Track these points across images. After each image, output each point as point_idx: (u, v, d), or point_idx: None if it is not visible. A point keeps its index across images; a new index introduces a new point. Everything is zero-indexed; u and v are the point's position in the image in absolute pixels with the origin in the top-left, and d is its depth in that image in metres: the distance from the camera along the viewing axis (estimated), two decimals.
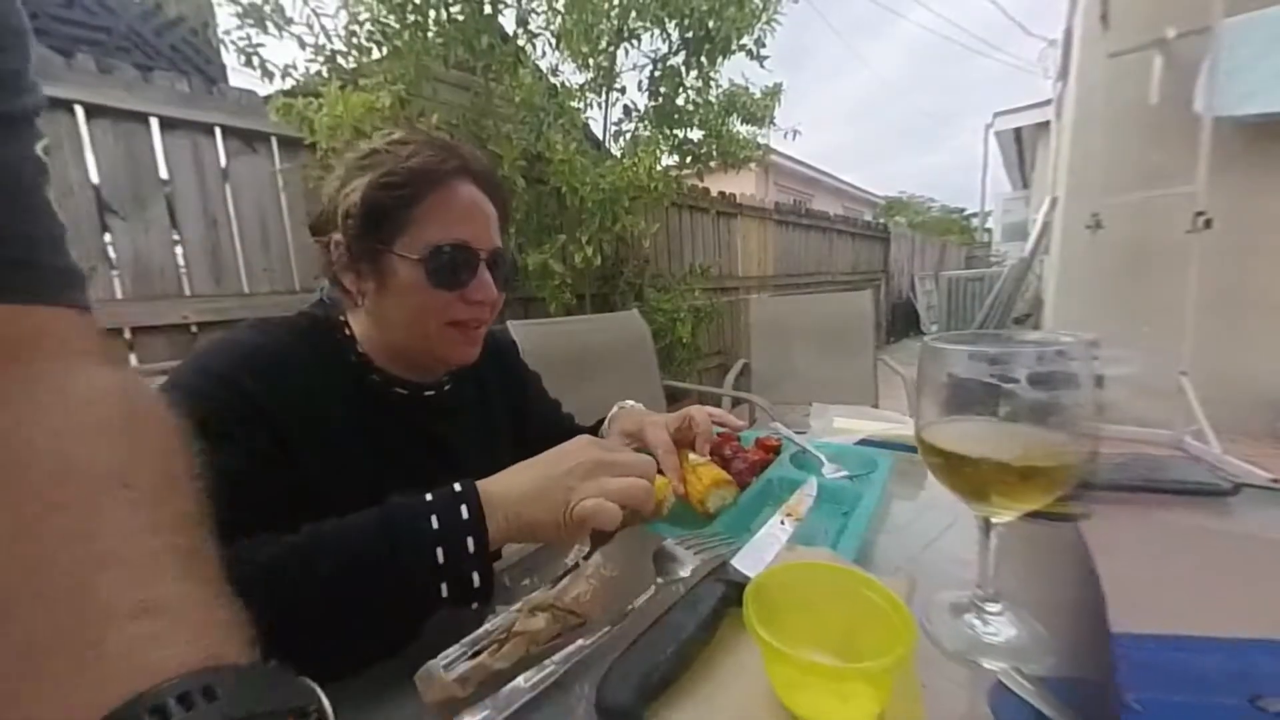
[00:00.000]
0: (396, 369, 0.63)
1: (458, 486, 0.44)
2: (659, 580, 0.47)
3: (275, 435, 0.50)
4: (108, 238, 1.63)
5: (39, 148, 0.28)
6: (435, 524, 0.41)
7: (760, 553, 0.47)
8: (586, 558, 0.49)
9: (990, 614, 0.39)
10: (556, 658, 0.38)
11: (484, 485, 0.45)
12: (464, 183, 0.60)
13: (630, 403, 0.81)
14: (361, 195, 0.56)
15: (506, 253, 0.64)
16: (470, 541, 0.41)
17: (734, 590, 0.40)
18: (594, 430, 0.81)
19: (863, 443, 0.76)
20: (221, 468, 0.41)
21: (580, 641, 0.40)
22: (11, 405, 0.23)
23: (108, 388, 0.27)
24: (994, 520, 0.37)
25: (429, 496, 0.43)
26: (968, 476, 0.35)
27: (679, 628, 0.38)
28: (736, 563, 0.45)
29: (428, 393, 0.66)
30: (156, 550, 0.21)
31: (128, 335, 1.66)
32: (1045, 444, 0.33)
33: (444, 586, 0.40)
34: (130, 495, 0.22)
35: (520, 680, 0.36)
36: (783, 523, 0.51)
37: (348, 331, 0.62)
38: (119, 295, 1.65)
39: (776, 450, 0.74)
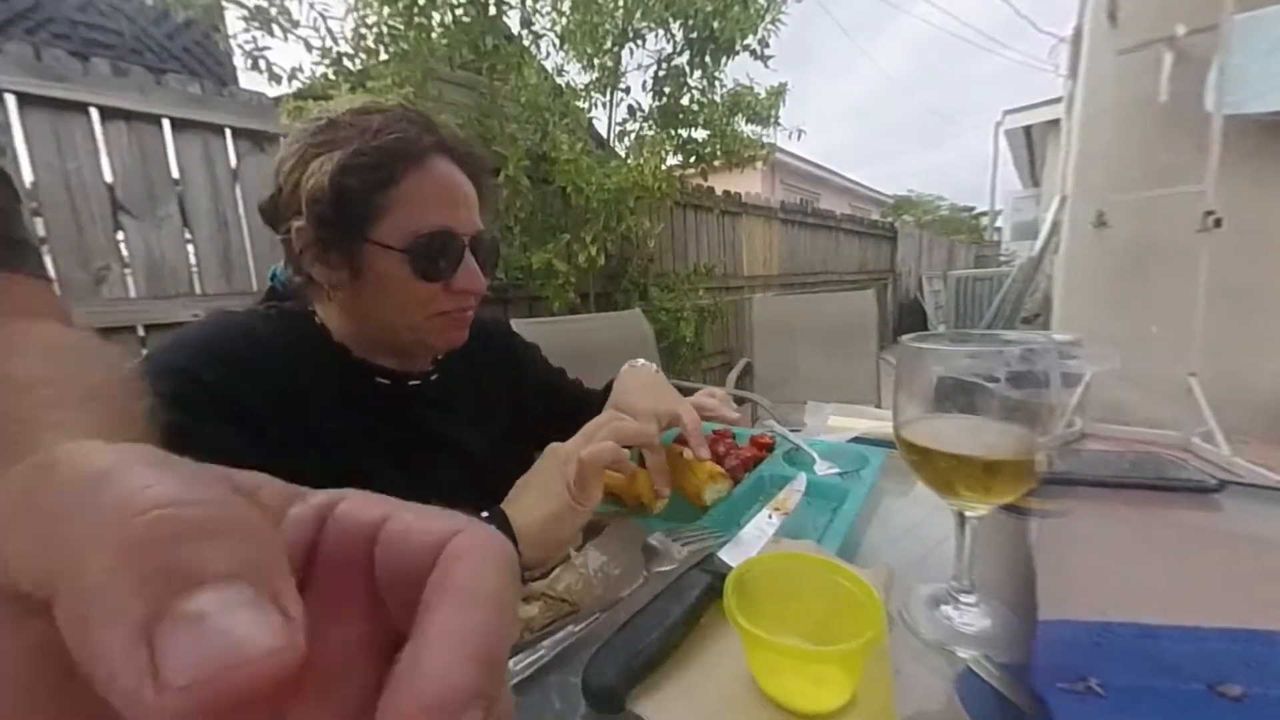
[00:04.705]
0: (377, 358, 0.59)
1: (484, 514, 0.46)
2: (647, 571, 0.48)
3: (248, 426, 0.46)
4: (121, 236, 1.66)
5: None
6: None
7: (746, 546, 0.48)
8: (579, 550, 0.51)
9: (965, 604, 0.40)
10: (547, 643, 0.40)
11: (506, 509, 0.48)
12: (443, 160, 0.55)
13: (641, 361, 0.79)
14: (330, 179, 0.49)
15: (487, 234, 0.59)
16: None
17: (718, 580, 0.42)
18: (605, 393, 0.81)
19: (856, 440, 0.77)
20: None
21: (570, 628, 0.41)
22: None
23: (67, 333, 0.28)
24: (968, 514, 0.38)
25: None
26: (940, 471, 0.36)
27: (664, 615, 0.39)
28: (723, 555, 0.46)
29: (412, 383, 0.62)
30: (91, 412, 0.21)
31: (141, 332, 1.69)
32: (1012, 440, 0.34)
33: None
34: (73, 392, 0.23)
35: (511, 663, 0.38)
36: (770, 517, 0.53)
37: (318, 321, 0.58)
38: (132, 294, 1.68)
39: (770, 448, 0.75)
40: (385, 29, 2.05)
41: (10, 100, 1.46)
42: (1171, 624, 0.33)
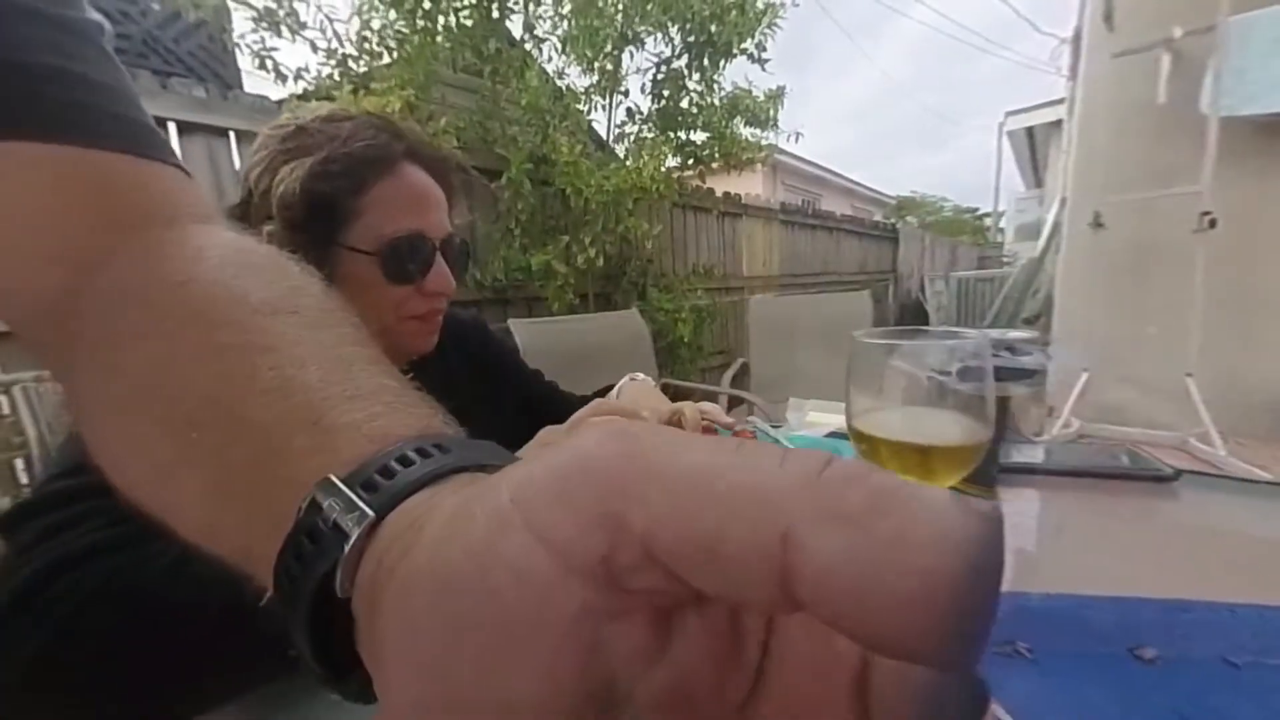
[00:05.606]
0: None
1: None
2: None
3: None
4: None
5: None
6: None
7: None
8: None
9: None
10: None
11: None
12: (412, 167, 0.57)
13: (641, 375, 0.81)
14: (301, 185, 0.51)
15: (457, 236, 0.61)
16: None
17: None
18: (600, 396, 0.81)
19: (831, 435, 0.80)
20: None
21: None
22: (167, 249, 0.23)
23: (240, 240, 0.27)
24: None
25: None
26: (884, 459, 0.39)
27: None
28: None
29: None
30: (344, 355, 0.20)
31: None
32: (956, 429, 0.37)
33: None
34: (299, 319, 0.21)
35: None
36: None
37: None
38: None
39: None
40: (390, 32, 2.10)
41: None
42: (1098, 594, 0.36)
